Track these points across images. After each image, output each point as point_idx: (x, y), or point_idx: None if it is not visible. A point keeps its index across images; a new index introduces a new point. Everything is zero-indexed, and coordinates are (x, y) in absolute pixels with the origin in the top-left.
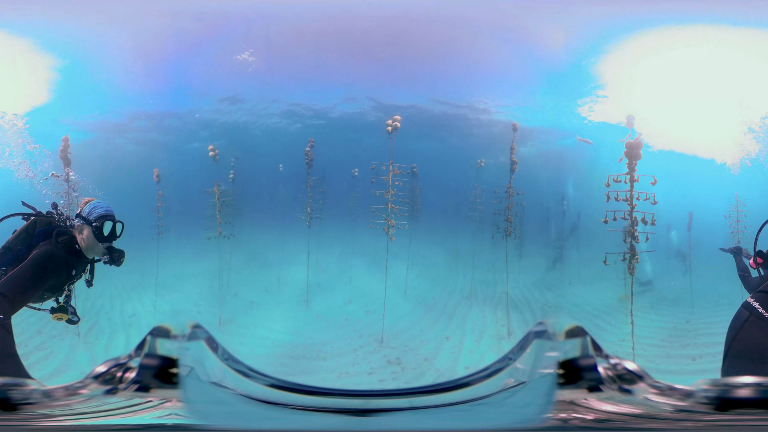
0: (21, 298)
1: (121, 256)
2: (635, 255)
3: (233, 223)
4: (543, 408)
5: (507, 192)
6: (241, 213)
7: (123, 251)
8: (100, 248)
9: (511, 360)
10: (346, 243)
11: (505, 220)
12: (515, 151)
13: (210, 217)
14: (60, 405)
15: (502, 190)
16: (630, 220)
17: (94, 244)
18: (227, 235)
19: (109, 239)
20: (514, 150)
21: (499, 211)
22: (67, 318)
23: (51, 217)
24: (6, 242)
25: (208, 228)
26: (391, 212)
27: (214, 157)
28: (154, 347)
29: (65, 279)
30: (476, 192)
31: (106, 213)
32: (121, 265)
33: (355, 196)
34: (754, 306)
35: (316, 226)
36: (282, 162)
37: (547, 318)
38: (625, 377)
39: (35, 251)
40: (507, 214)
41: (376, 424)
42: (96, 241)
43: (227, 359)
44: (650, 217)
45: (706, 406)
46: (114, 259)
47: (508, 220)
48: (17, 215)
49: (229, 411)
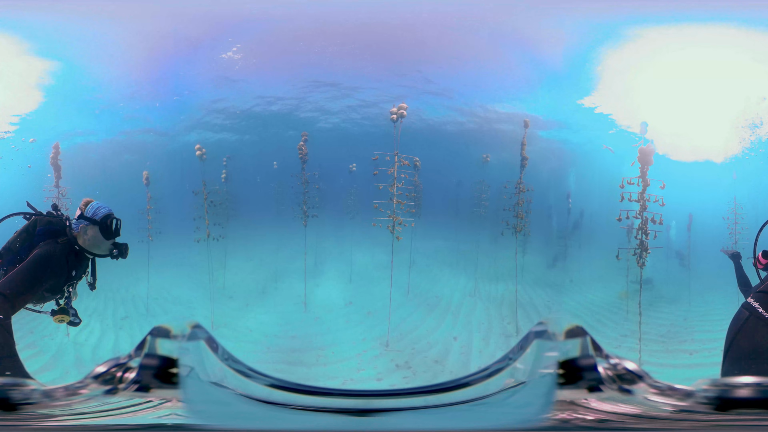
0: (21, 298)
1: (127, 249)
2: (647, 250)
3: (223, 225)
4: (543, 408)
5: (517, 188)
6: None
7: (127, 244)
8: (108, 245)
9: (511, 360)
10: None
11: (515, 216)
12: (525, 147)
13: (199, 218)
14: (60, 405)
15: (511, 186)
16: (641, 219)
17: (101, 242)
18: (217, 236)
19: (115, 235)
20: (525, 146)
21: (508, 207)
22: (69, 320)
23: (51, 218)
24: (6, 242)
25: (197, 230)
26: (397, 207)
27: (201, 156)
28: (154, 347)
29: (65, 280)
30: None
31: (109, 212)
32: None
33: (354, 192)
34: (754, 306)
35: (314, 225)
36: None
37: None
38: (625, 377)
39: (35, 251)
40: (517, 210)
41: (377, 424)
42: (104, 239)
43: (227, 359)
44: (658, 217)
45: (706, 406)
46: (122, 252)
47: (518, 216)
48: (18, 215)
49: (229, 411)
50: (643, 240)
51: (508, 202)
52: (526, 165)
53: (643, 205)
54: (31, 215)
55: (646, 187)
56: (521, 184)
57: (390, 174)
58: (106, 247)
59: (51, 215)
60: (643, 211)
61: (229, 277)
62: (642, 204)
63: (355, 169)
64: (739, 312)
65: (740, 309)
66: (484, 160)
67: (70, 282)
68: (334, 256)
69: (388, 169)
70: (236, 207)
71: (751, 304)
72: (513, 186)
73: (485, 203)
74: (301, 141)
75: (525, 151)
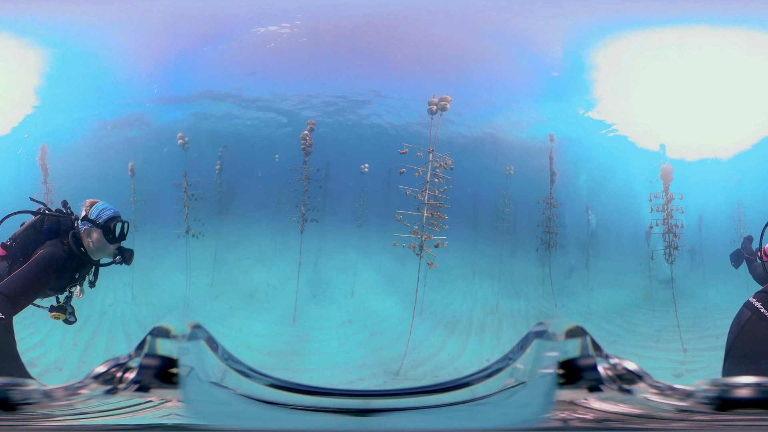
0: (23, 299)
1: (132, 255)
2: (676, 247)
3: (203, 221)
4: (543, 408)
5: (547, 203)
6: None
7: (132, 250)
8: (111, 250)
9: (511, 360)
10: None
11: (546, 231)
12: (553, 161)
13: (178, 212)
14: (60, 405)
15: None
16: (667, 226)
17: (105, 246)
18: (196, 233)
19: (119, 240)
20: (553, 159)
21: (540, 223)
22: (65, 318)
23: (60, 216)
24: (13, 235)
25: (177, 224)
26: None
27: (183, 145)
28: (154, 347)
29: (68, 281)
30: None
31: (115, 215)
32: (131, 263)
33: (364, 196)
34: (756, 306)
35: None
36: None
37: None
38: (625, 377)
39: (40, 251)
40: (548, 225)
41: (377, 424)
42: (107, 243)
43: (227, 359)
44: (680, 222)
45: (706, 406)
46: (126, 259)
47: (551, 231)
48: (25, 213)
49: (229, 411)
50: (671, 240)
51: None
52: (555, 180)
53: (669, 213)
54: (39, 212)
55: (670, 201)
56: (552, 199)
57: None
58: (109, 252)
59: (60, 213)
60: (669, 219)
61: (220, 275)
62: (667, 212)
63: (367, 170)
64: (741, 311)
65: (742, 308)
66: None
67: (73, 283)
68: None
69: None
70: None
71: (753, 304)
72: (545, 201)
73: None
74: (306, 130)
75: (553, 166)
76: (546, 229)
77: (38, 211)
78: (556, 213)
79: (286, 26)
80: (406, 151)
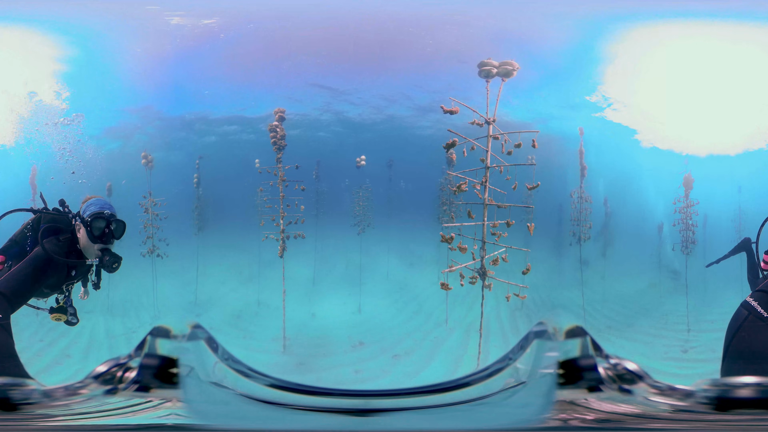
0: (20, 298)
1: (114, 262)
2: (692, 242)
3: (167, 240)
4: (543, 408)
5: (580, 197)
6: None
7: (119, 257)
8: (94, 250)
9: (511, 360)
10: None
11: (577, 225)
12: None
13: (143, 232)
14: (60, 405)
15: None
16: (685, 225)
17: (88, 244)
18: (161, 254)
19: (103, 240)
20: (583, 154)
21: (575, 218)
22: (66, 319)
23: (57, 214)
24: (13, 235)
25: (142, 244)
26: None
27: (146, 164)
28: (154, 347)
29: (65, 279)
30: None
31: (98, 211)
32: (115, 272)
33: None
34: (753, 305)
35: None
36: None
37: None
38: (625, 377)
39: (36, 249)
40: (581, 219)
41: (377, 424)
42: (89, 241)
43: (227, 359)
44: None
45: (706, 406)
46: (104, 264)
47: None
48: (23, 210)
49: (229, 411)
50: (687, 235)
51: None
52: (585, 175)
53: (688, 214)
54: (37, 210)
55: (690, 206)
56: (583, 193)
57: (478, 167)
58: (92, 252)
59: (57, 211)
60: (687, 219)
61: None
62: (686, 214)
63: (364, 163)
64: (738, 311)
65: (739, 308)
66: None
67: (69, 281)
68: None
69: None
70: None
71: (750, 304)
72: (578, 196)
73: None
74: (275, 120)
75: (583, 160)
76: (576, 223)
77: (34, 208)
78: (588, 207)
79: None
80: (456, 110)
